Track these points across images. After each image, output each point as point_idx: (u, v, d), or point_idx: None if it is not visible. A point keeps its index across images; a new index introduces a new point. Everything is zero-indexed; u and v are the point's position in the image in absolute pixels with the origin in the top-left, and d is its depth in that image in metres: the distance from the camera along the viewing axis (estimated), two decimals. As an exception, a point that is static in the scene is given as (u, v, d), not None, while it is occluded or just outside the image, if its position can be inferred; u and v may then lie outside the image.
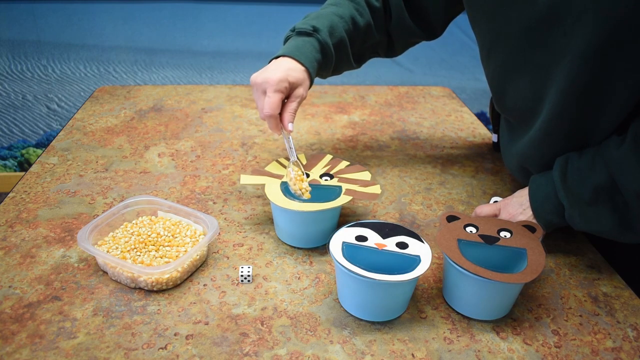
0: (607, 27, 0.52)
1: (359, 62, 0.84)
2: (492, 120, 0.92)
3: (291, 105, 0.69)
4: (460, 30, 1.94)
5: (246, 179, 0.70)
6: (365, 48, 0.83)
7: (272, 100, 0.66)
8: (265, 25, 1.96)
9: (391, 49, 0.86)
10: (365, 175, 0.71)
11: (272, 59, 0.72)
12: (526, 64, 0.63)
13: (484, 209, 0.69)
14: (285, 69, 0.68)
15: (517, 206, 0.66)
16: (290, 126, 0.69)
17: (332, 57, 0.75)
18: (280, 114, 0.69)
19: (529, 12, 0.59)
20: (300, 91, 0.69)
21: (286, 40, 0.76)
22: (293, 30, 0.75)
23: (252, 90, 0.70)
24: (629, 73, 0.55)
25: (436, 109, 1.19)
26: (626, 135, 0.57)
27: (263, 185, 0.68)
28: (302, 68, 0.69)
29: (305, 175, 0.70)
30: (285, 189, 0.67)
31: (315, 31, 0.72)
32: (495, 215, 0.68)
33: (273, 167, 0.73)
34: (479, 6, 0.67)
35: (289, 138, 0.71)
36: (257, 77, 0.68)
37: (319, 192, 0.67)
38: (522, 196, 0.67)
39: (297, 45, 0.71)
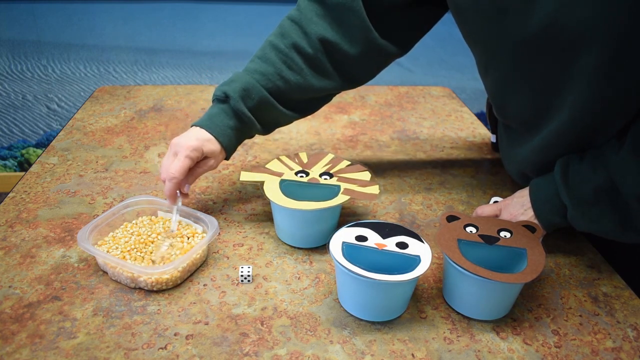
0: (612, 41, 0.52)
1: (306, 111, 0.78)
2: (489, 121, 0.92)
3: (197, 171, 0.69)
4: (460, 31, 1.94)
5: (246, 176, 0.70)
6: (312, 97, 0.76)
7: (181, 165, 0.65)
8: (265, 25, 1.95)
9: (352, 81, 0.77)
10: (365, 175, 0.71)
11: (191, 125, 0.71)
12: (526, 77, 0.63)
13: (485, 209, 0.69)
14: (202, 139, 0.68)
15: (519, 206, 0.66)
16: (186, 188, 0.68)
17: (251, 121, 0.71)
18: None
19: (522, 28, 0.58)
20: (210, 162, 0.70)
21: (213, 100, 0.73)
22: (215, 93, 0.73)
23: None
24: (637, 84, 0.55)
25: (436, 109, 1.19)
26: (625, 139, 0.57)
27: (262, 183, 0.68)
28: (216, 141, 0.69)
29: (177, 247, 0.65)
30: (285, 187, 0.67)
31: (227, 98, 0.70)
32: (496, 216, 0.68)
33: (274, 165, 0.73)
34: (471, 23, 0.66)
35: (177, 210, 0.68)
36: (175, 139, 0.68)
37: (318, 191, 0.67)
38: (523, 196, 0.66)
39: (210, 115, 0.70)
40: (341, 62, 0.74)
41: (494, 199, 0.78)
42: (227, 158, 0.74)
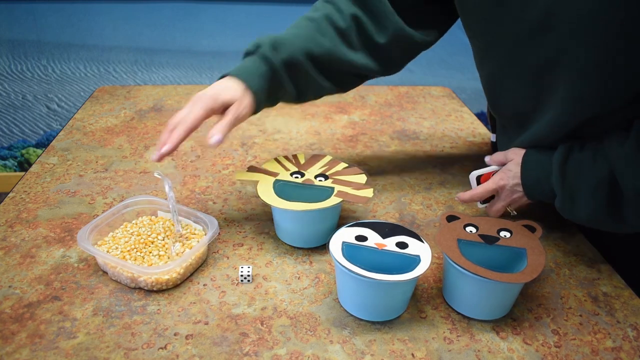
0: (606, 36, 0.52)
1: (341, 84, 0.77)
2: (490, 120, 0.92)
3: (224, 119, 0.63)
4: (460, 30, 1.93)
5: (241, 175, 0.70)
6: (346, 70, 0.75)
7: (192, 111, 0.61)
8: (265, 25, 1.96)
9: (382, 64, 0.77)
10: (361, 178, 0.71)
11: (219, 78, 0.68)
12: (520, 69, 0.63)
13: (497, 157, 0.70)
14: (221, 87, 0.64)
15: (512, 175, 0.67)
16: (214, 139, 0.61)
17: (280, 72, 0.68)
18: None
19: (522, 19, 0.59)
20: (233, 108, 0.63)
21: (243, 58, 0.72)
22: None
23: None
24: (629, 80, 0.55)
25: (436, 109, 1.20)
26: (629, 131, 0.57)
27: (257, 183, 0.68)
28: (242, 85, 0.65)
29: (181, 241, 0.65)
30: (279, 187, 0.67)
31: (257, 47, 0.68)
32: (503, 164, 0.69)
33: (270, 165, 0.73)
34: (472, 12, 0.67)
35: (175, 211, 0.65)
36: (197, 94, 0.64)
37: (311, 193, 0.66)
38: (518, 164, 0.67)
39: (240, 65, 0.68)
40: (371, 44, 0.74)
41: (475, 172, 0.73)
42: (257, 108, 0.67)
